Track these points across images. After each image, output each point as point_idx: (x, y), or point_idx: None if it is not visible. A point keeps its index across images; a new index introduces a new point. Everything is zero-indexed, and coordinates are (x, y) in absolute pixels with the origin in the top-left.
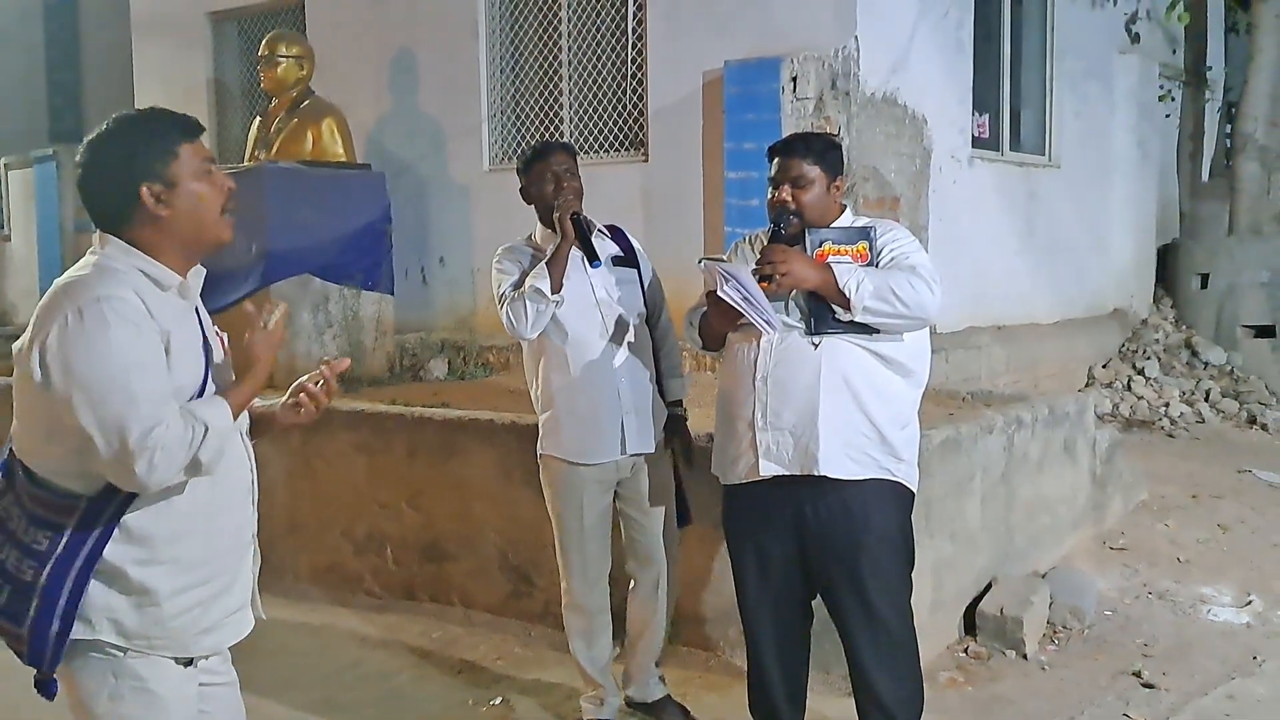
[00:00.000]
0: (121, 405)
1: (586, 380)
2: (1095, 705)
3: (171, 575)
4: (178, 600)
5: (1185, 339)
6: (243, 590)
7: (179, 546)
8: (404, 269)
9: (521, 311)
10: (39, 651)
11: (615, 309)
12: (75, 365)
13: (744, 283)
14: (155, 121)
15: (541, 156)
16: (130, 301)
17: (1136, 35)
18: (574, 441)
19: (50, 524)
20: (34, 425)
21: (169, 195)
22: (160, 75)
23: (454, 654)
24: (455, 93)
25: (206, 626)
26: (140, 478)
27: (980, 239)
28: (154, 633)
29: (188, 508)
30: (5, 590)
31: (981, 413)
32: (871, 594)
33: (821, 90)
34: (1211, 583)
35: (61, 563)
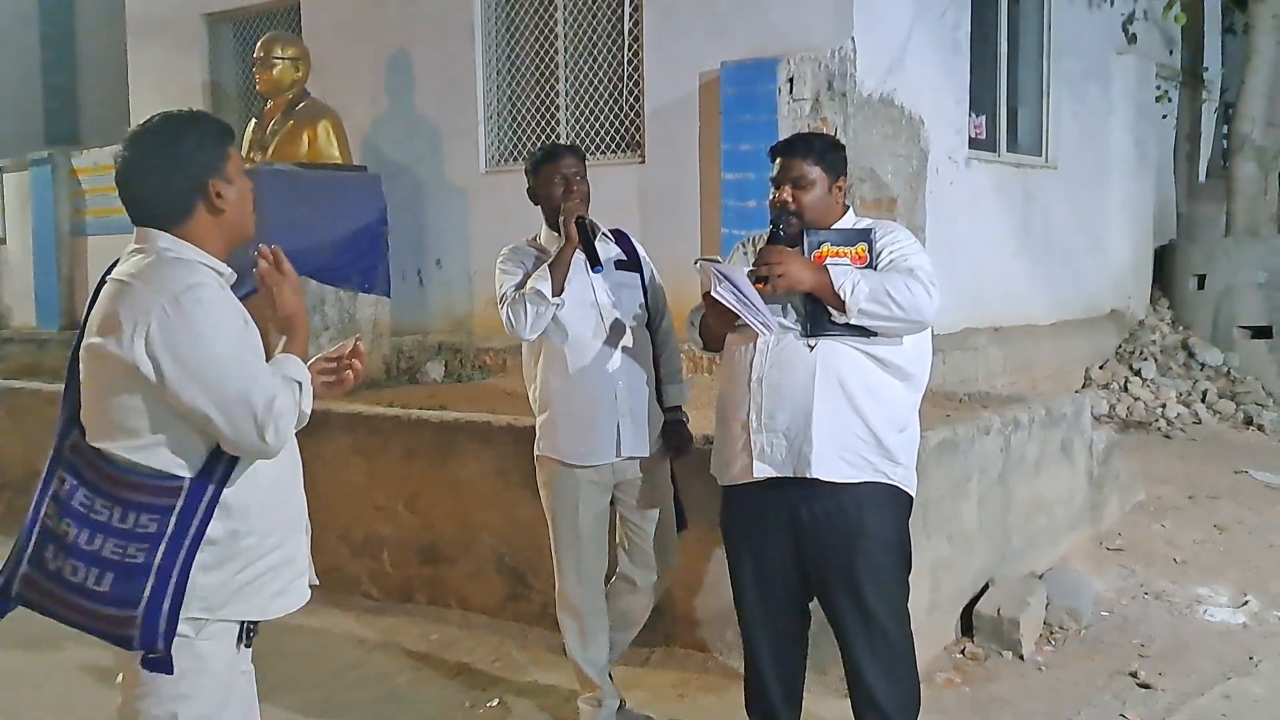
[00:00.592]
0: (242, 382)
1: (584, 382)
2: (1092, 705)
3: (259, 543)
4: (261, 564)
5: (1182, 340)
6: (303, 559)
7: (266, 515)
8: (401, 271)
9: (521, 312)
10: (153, 630)
11: (615, 312)
12: (186, 353)
13: (738, 283)
14: (208, 123)
15: (550, 159)
16: (212, 286)
17: (1134, 36)
18: (570, 443)
19: (155, 507)
20: (128, 417)
21: (227, 191)
22: (156, 77)
23: (451, 656)
24: (452, 94)
25: (279, 589)
26: (270, 444)
27: (977, 240)
28: (238, 597)
29: (272, 477)
30: (109, 576)
31: (978, 414)
32: (867, 597)
33: (818, 91)
34: (1208, 583)
35: (175, 540)
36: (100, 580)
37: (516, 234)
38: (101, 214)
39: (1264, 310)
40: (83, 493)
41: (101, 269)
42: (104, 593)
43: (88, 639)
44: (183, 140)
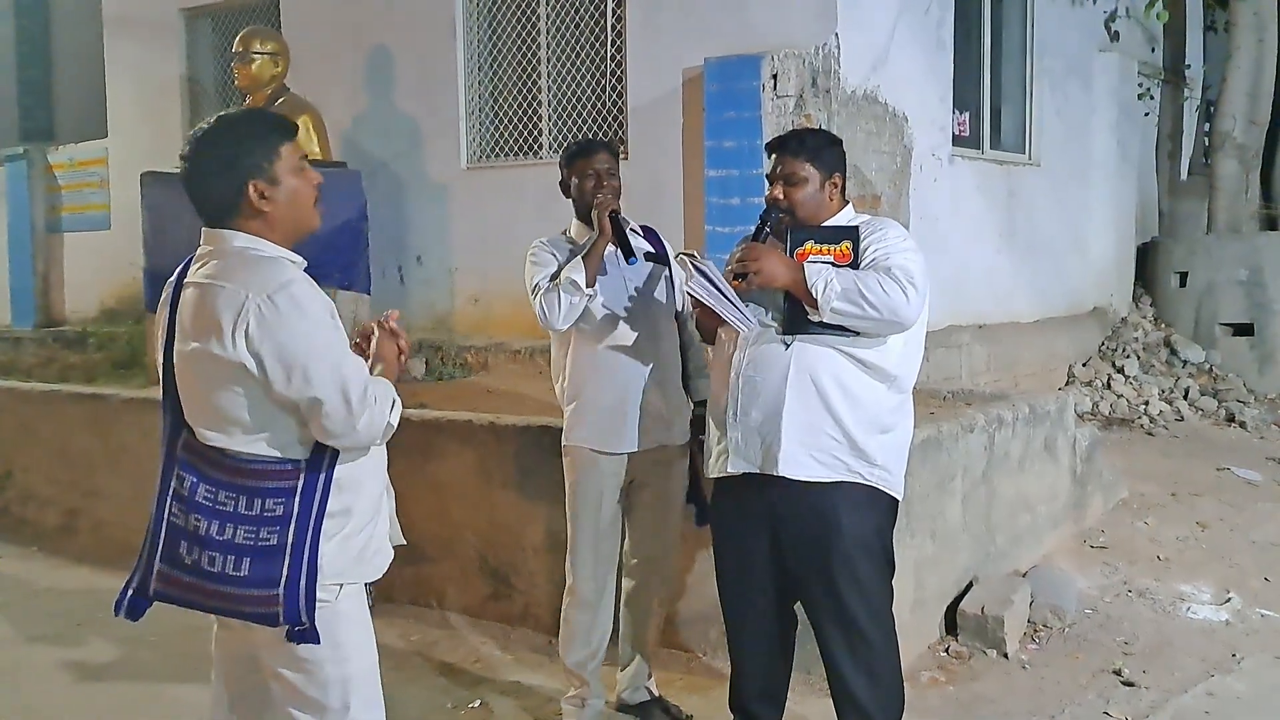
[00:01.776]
0: (339, 372)
1: (614, 372)
2: (1076, 704)
3: (365, 511)
4: (370, 528)
5: (1164, 337)
6: (386, 518)
7: (369, 485)
8: (381, 268)
9: (555, 303)
10: (295, 605)
11: (647, 305)
12: (288, 346)
13: (714, 278)
14: (259, 123)
15: (585, 154)
16: (304, 281)
17: (1116, 33)
18: (599, 430)
19: (278, 490)
20: (240, 410)
21: (272, 191)
22: (133, 72)
23: (433, 657)
24: (433, 90)
25: (376, 549)
26: (361, 432)
27: (961, 237)
28: (356, 560)
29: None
30: (247, 561)
31: (962, 411)
32: (845, 598)
33: (802, 88)
34: (1191, 580)
35: (302, 519)
36: (239, 566)
37: (498, 230)
38: (77, 210)
39: (1245, 308)
40: (204, 487)
41: (78, 266)
42: (245, 577)
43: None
44: (226, 142)
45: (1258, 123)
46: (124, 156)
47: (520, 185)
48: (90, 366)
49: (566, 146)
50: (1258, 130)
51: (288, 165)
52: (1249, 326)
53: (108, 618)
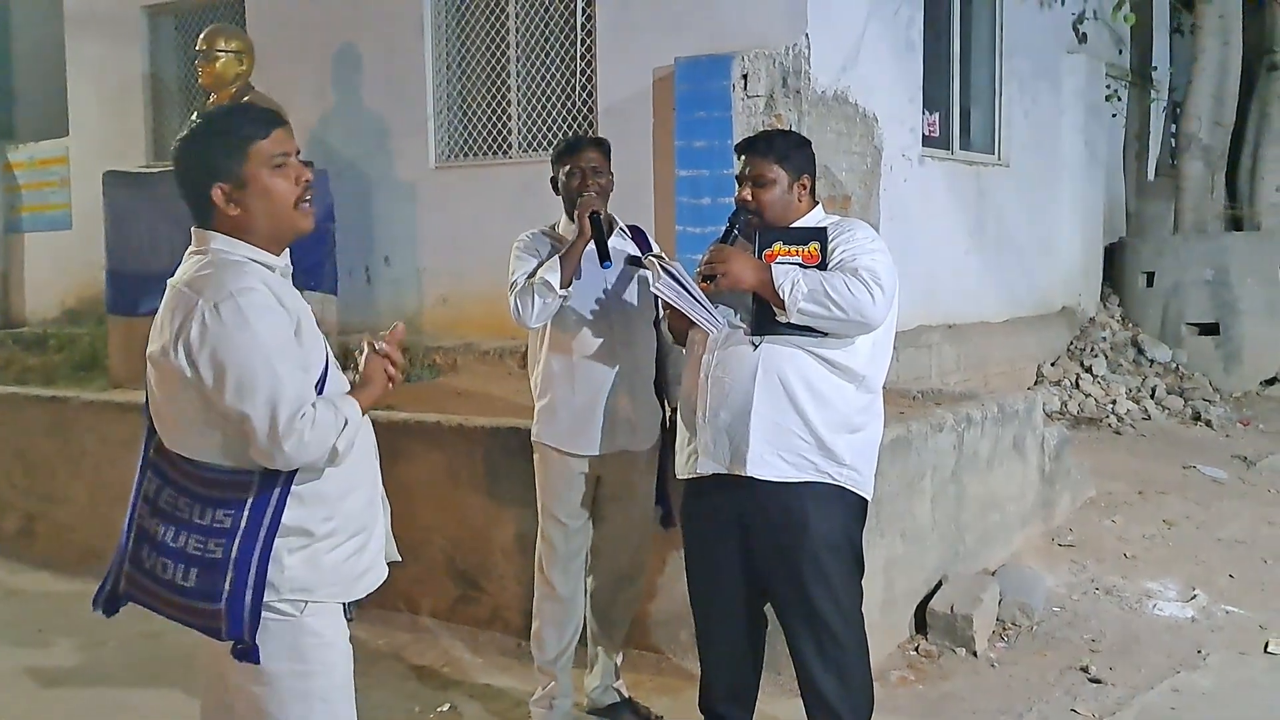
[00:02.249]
0: (270, 389)
1: (583, 374)
2: (1044, 701)
3: (340, 529)
4: (344, 548)
5: (1132, 337)
6: (382, 534)
7: (345, 502)
8: (348, 268)
9: (529, 301)
10: (238, 621)
11: (622, 309)
12: (222, 357)
13: (683, 280)
14: (230, 121)
15: (573, 150)
16: (260, 291)
17: (1084, 35)
18: (566, 431)
19: (228, 502)
20: (189, 418)
21: (240, 194)
22: (94, 71)
23: (401, 660)
24: (400, 89)
25: (362, 570)
26: (289, 454)
27: (931, 238)
28: (328, 580)
29: (346, 466)
30: (194, 572)
31: (932, 411)
32: (814, 598)
33: (773, 88)
34: (1157, 578)
35: (248, 535)
36: (187, 575)
37: (468, 230)
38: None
39: (1211, 307)
40: (168, 492)
41: (38, 266)
42: (191, 587)
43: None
44: (195, 144)
45: (1223, 124)
46: (85, 155)
47: (489, 185)
48: (50, 369)
49: (557, 143)
50: (1223, 132)
51: (258, 164)
52: (1214, 326)
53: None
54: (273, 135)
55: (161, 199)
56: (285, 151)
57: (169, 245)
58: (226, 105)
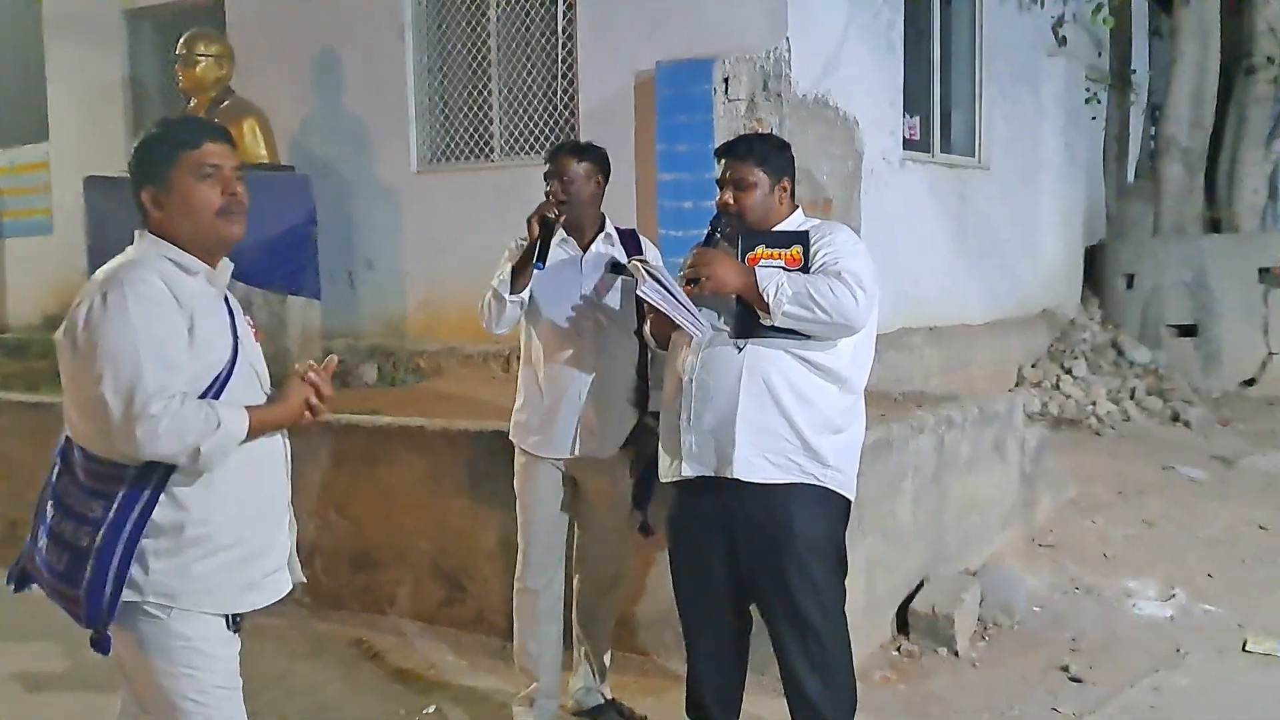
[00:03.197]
0: (131, 374)
1: (553, 377)
2: (1025, 700)
3: (214, 538)
4: (217, 558)
5: (1112, 338)
6: (279, 554)
7: (225, 508)
8: (330, 273)
9: (487, 307)
10: (95, 611)
11: (597, 313)
12: (98, 340)
13: (666, 283)
14: (169, 128)
15: (552, 156)
16: (151, 283)
17: (1063, 38)
18: (531, 433)
19: (102, 493)
20: (79, 404)
21: (164, 199)
22: (74, 74)
23: (385, 664)
24: (381, 93)
25: (245, 584)
26: (140, 442)
27: (912, 240)
28: (196, 588)
29: (231, 471)
30: (65, 557)
31: (913, 413)
32: (798, 599)
33: (754, 92)
34: (1137, 577)
35: (114, 527)
36: (59, 560)
37: (449, 233)
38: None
39: (1190, 309)
40: (65, 478)
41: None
42: (61, 571)
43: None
44: (139, 149)
45: (1202, 127)
46: (66, 160)
47: (471, 188)
48: (32, 375)
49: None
50: (1202, 134)
51: (188, 171)
52: (1193, 328)
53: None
54: (204, 146)
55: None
56: (216, 163)
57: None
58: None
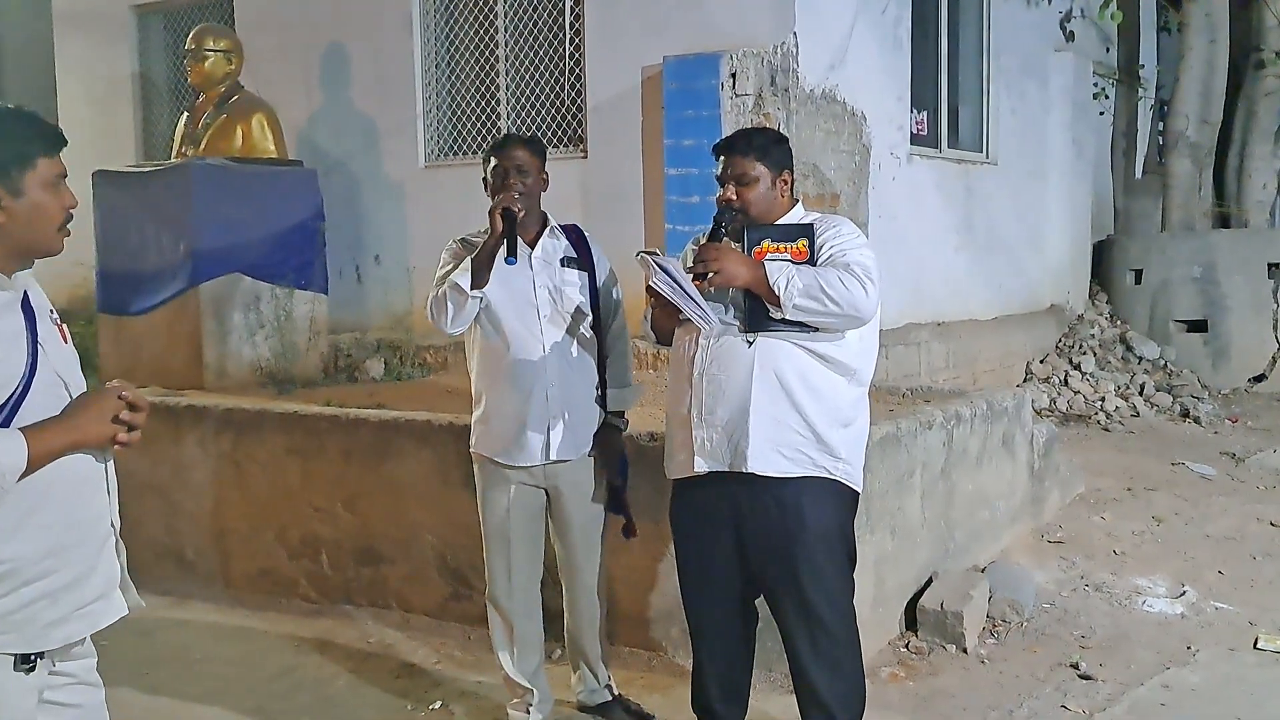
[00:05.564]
0: None
1: (516, 380)
2: (1034, 697)
3: (21, 570)
4: (27, 591)
5: (1120, 334)
6: (101, 582)
7: (27, 542)
8: (338, 268)
9: (443, 306)
10: None
11: (554, 310)
12: None
13: (676, 275)
14: (19, 125)
15: (499, 149)
16: None
17: (1071, 34)
18: (500, 441)
19: None
20: None
21: (11, 203)
22: (83, 70)
23: (392, 658)
24: (390, 88)
25: (55, 619)
26: None
27: (919, 235)
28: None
29: (28, 504)
30: None
31: (921, 408)
32: (809, 593)
33: (761, 87)
34: (1147, 574)
35: None
36: None
37: (457, 229)
38: None
39: (1199, 304)
40: None
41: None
42: None
43: None
44: None
45: (1210, 122)
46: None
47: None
48: None
49: (488, 142)
50: (1210, 129)
51: (40, 179)
52: (1203, 323)
53: None
54: (57, 155)
55: (151, 198)
56: (60, 174)
57: (158, 244)
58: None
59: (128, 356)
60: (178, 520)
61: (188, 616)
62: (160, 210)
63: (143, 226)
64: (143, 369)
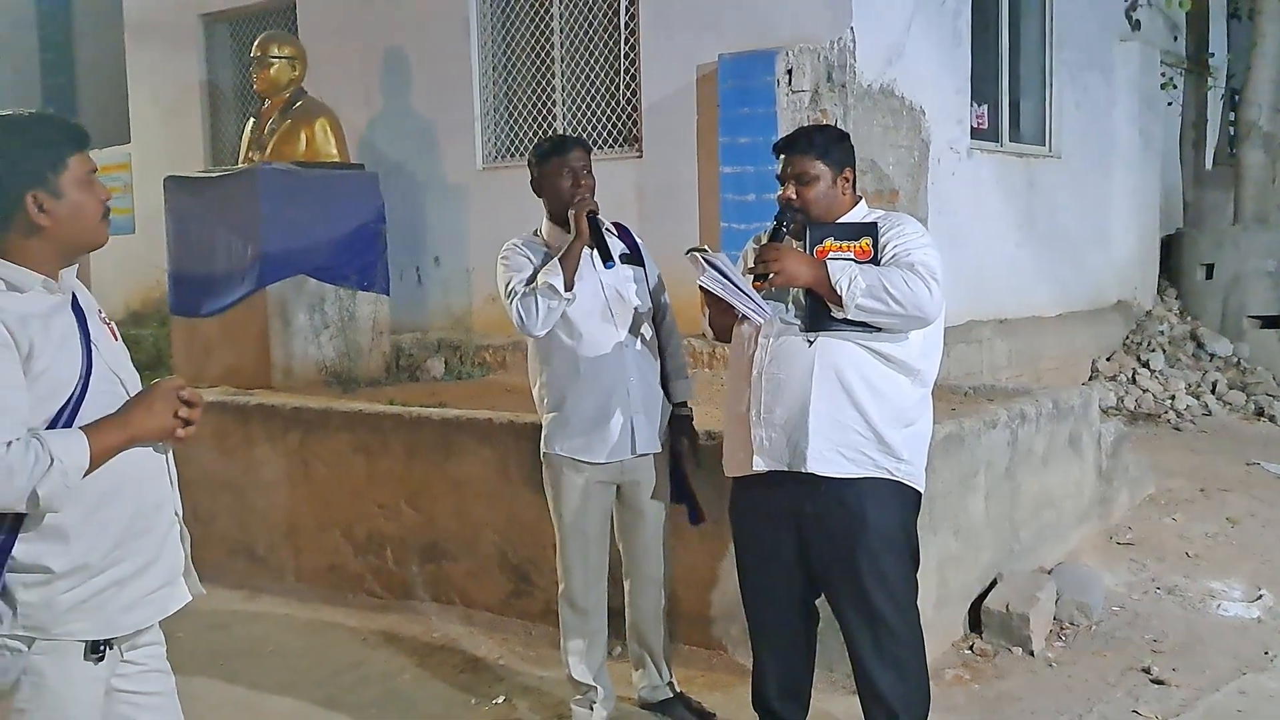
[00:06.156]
0: None
1: (597, 379)
2: (1104, 702)
3: (93, 560)
4: (100, 580)
5: (1190, 330)
6: (165, 569)
7: (99, 533)
8: (399, 269)
9: (533, 308)
10: None
11: (626, 307)
12: None
13: (725, 270)
14: (46, 129)
15: (559, 151)
16: None
17: (1137, 22)
18: (584, 441)
19: None
20: None
21: (53, 204)
22: (153, 78)
23: (456, 653)
24: (448, 91)
25: (124, 606)
26: None
27: (980, 231)
28: (72, 617)
29: (99, 493)
30: None
31: (984, 407)
32: (871, 593)
33: (817, 82)
34: (1221, 577)
35: None
36: None
37: (515, 230)
38: None
39: (1274, 299)
40: None
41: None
42: None
43: None
44: (9, 149)
45: None
46: (147, 161)
47: None
48: None
49: (537, 144)
50: None
51: (74, 177)
52: (1277, 319)
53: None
54: (85, 151)
55: (219, 203)
56: (92, 169)
57: (226, 247)
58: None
59: (198, 357)
60: (249, 516)
61: (260, 610)
62: (228, 215)
63: (212, 230)
64: (213, 369)
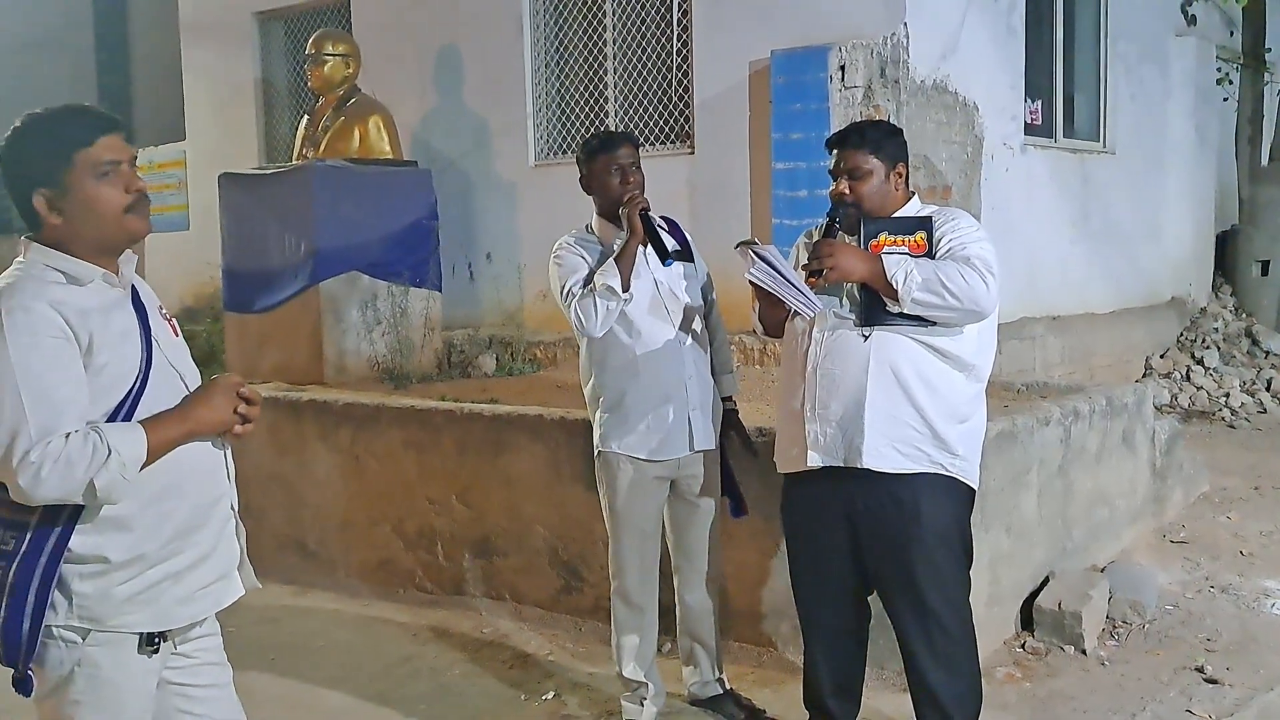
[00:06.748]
0: (12, 419)
1: (655, 376)
2: (1158, 701)
3: (149, 552)
4: (155, 572)
5: (1246, 327)
6: (220, 563)
7: (156, 525)
8: (451, 265)
9: (592, 309)
10: (13, 648)
11: (679, 304)
12: None
13: (775, 263)
14: (55, 124)
15: (608, 148)
16: (36, 311)
17: (1193, 17)
18: (643, 438)
19: (15, 524)
20: None
21: (62, 202)
22: (209, 76)
23: (506, 648)
24: (500, 88)
25: (182, 597)
26: (25, 489)
27: (1033, 227)
28: (128, 608)
29: (160, 486)
30: None
31: (1037, 404)
32: (924, 589)
33: (870, 78)
34: (1276, 576)
35: (27, 559)
36: None
37: (567, 227)
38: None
39: None
40: None
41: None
42: None
43: None
44: (21, 149)
45: None
46: (202, 158)
47: None
48: None
49: (585, 140)
50: None
51: (84, 171)
52: None
53: None
54: (100, 142)
55: (273, 199)
56: (115, 159)
57: (280, 244)
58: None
59: (251, 353)
60: (300, 511)
61: (311, 605)
62: (282, 211)
63: (266, 227)
64: (265, 365)
